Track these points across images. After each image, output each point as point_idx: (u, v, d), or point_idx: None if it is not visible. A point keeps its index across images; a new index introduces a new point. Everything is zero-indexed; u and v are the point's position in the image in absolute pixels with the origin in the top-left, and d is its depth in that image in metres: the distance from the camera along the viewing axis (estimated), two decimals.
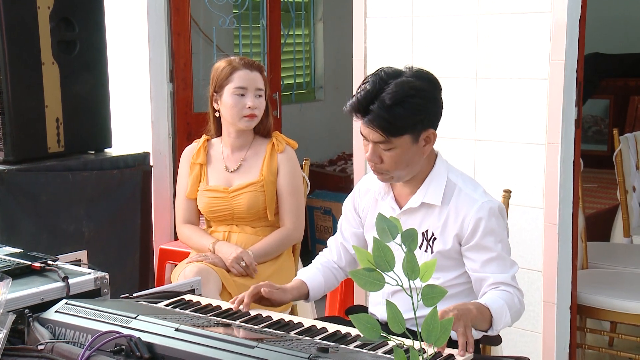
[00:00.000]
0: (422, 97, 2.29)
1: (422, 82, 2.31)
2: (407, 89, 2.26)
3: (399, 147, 2.29)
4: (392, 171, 2.34)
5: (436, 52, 3.47)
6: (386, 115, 2.24)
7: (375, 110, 2.24)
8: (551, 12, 3.13)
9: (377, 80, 2.28)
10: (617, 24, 7.35)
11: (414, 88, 2.27)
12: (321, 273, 2.60)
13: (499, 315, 2.21)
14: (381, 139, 2.28)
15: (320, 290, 2.59)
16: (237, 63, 3.28)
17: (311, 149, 5.76)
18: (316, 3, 6.68)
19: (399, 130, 2.26)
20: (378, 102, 2.24)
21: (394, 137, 2.27)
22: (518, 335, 3.21)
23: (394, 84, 2.26)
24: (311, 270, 2.63)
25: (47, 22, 3.48)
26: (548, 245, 3.23)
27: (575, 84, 3.19)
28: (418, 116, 2.28)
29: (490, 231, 2.34)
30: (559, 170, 3.18)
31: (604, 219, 4.73)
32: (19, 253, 2.47)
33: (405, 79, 2.28)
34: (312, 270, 2.63)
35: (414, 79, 2.30)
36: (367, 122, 2.27)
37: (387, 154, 2.30)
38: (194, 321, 1.99)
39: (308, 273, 2.61)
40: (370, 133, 2.29)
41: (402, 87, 2.25)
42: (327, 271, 2.62)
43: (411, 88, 2.27)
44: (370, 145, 2.31)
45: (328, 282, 2.62)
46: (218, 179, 3.35)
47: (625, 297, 3.50)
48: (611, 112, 7.06)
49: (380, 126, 2.25)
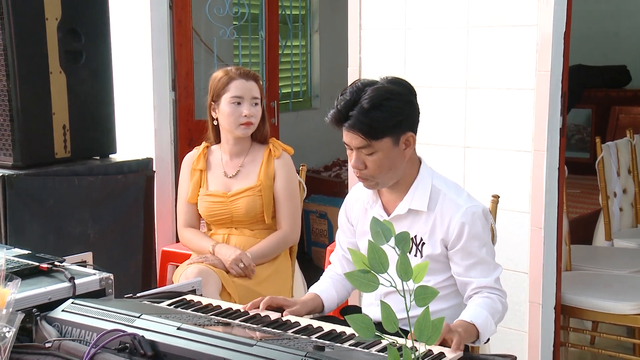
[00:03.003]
0: (398, 100, 2.30)
1: (397, 86, 2.33)
2: (383, 92, 2.27)
3: (380, 151, 2.29)
4: (376, 176, 2.34)
5: (428, 63, 3.47)
6: (365, 119, 2.25)
7: (355, 116, 2.25)
8: (538, 25, 3.14)
9: (354, 90, 2.29)
10: (599, 38, 7.37)
11: (390, 92, 2.29)
12: (333, 286, 2.59)
13: (484, 328, 2.24)
14: (363, 144, 2.28)
15: (334, 302, 2.57)
16: (234, 73, 3.28)
17: (307, 155, 5.76)
18: (312, 15, 6.69)
19: (379, 133, 2.27)
20: (357, 108, 2.25)
21: (374, 140, 2.27)
22: (505, 334, 3.21)
23: (370, 89, 2.27)
24: (324, 284, 2.61)
25: (54, 33, 3.48)
26: (534, 248, 3.23)
27: (560, 94, 3.20)
28: (396, 118, 2.28)
29: (474, 236, 2.35)
30: (545, 176, 3.18)
31: (586, 223, 4.74)
32: (27, 254, 2.47)
33: (381, 85, 2.30)
34: (325, 283, 2.61)
35: (390, 85, 2.31)
36: (348, 127, 2.28)
37: (369, 158, 2.30)
38: (195, 320, 1.99)
39: (321, 287, 2.60)
40: (352, 139, 2.29)
41: (379, 92, 2.27)
42: (337, 284, 2.61)
43: (387, 92, 2.28)
44: (354, 152, 2.32)
45: (340, 294, 2.60)
46: (217, 184, 3.35)
47: (607, 298, 3.51)
48: (593, 121, 7.08)
49: (360, 130, 2.26)
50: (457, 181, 2.64)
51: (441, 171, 2.52)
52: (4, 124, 3.42)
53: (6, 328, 1.84)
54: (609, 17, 7.47)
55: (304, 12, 6.64)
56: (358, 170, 2.34)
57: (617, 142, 4.60)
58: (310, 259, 5.70)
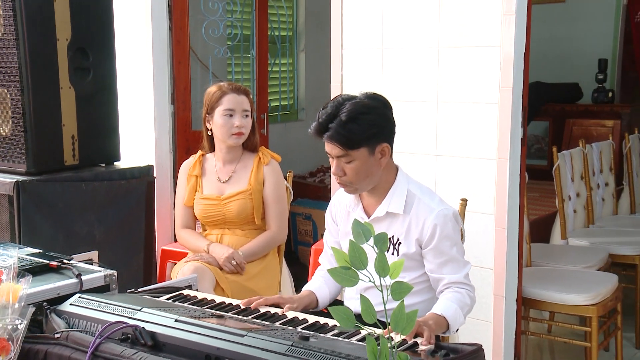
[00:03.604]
0: (373, 114, 2.29)
1: (374, 101, 2.32)
2: (359, 107, 2.27)
3: (357, 160, 2.29)
4: (354, 182, 2.33)
5: (403, 79, 3.47)
6: (343, 131, 2.24)
7: (333, 128, 2.25)
8: (500, 46, 3.15)
9: (335, 104, 2.29)
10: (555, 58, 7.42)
11: (366, 106, 2.28)
12: (325, 283, 2.57)
13: (454, 320, 2.25)
14: (341, 153, 2.28)
15: (326, 298, 2.55)
16: (226, 88, 3.27)
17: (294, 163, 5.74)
18: (299, 36, 6.69)
19: (355, 143, 2.26)
20: (336, 121, 2.25)
21: (351, 150, 2.27)
22: (472, 324, 3.21)
23: (349, 104, 2.27)
24: (317, 282, 2.59)
25: (65, 51, 3.46)
26: (498, 246, 3.23)
27: (521, 108, 3.21)
28: (371, 130, 2.28)
29: (445, 236, 2.35)
30: (508, 181, 3.19)
31: (544, 224, 4.75)
32: (38, 253, 2.46)
33: (359, 100, 2.30)
34: (318, 282, 2.59)
35: (367, 100, 2.31)
36: (328, 138, 2.27)
37: (348, 166, 2.30)
38: (191, 313, 1.98)
39: (315, 285, 2.57)
40: (332, 149, 2.29)
41: (356, 106, 2.26)
42: (329, 282, 2.57)
43: (363, 106, 2.27)
44: (334, 160, 2.32)
45: (332, 291, 2.57)
46: (212, 189, 3.33)
47: (562, 291, 3.52)
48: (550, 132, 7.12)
49: (338, 141, 2.26)
50: (430, 186, 2.63)
51: (416, 177, 2.51)
52: (18, 135, 3.41)
53: (18, 320, 1.83)
54: (563, 41, 7.53)
55: (291, 33, 6.64)
56: (338, 177, 2.34)
57: (571, 151, 4.63)
58: (296, 257, 5.69)
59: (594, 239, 4.40)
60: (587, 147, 4.77)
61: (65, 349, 1.86)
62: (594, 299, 3.47)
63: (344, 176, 2.32)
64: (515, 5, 3.08)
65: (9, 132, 3.44)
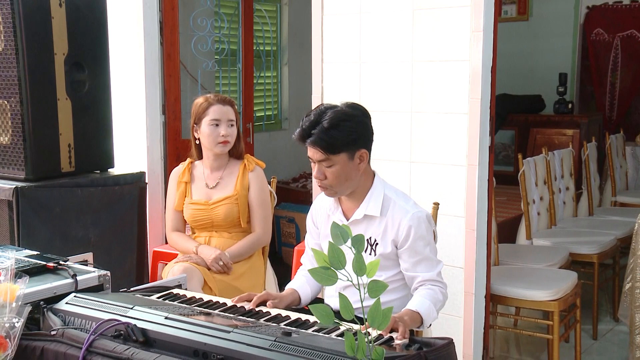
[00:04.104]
0: (353, 122, 2.29)
1: (353, 110, 2.33)
2: (340, 115, 2.27)
3: (337, 164, 2.28)
4: (334, 186, 2.33)
5: (379, 91, 3.47)
6: (324, 136, 2.24)
7: (316, 134, 2.25)
8: (469, 61, 3.16)
9: (317, 112, 2.29)
10: (520, 72, 7.48)
11: (346, 114, 2.28)
12: (307, 282, 2.56)
13: (427, 315, 2.25)
14: (323, 157, 2.27)
15: (308, 296, 2.53)
16: (212, 99, 3.26)
17: (278, 169, 5.75)
18: (282, 51, 6.69)
19: (336, 148, 2.26)
20: (318, 127, 2.25)
21: (332, 154, 2.27)
22: (444, 320, 3.21)
23: (330, 112, 2.27)
24: (299, 281, 2.57)
25: (62, 65, 3.44)
26: (468, 247, 3.24)
27: (489, 118, 3.22)
28: (351, 137, 2.28)
29: (419, 237, 2.34)
30: (477, 186, 3.20)
31: (511, 225, 4.78)
32: (36, 255, 2.44)
33: (340, 109, 2.30)
34: (300, 281, 2.57)
35: (347, 108, 2.31)
36: (310, 143, 2.27)
37: (329, 170, 2.29)
38: (180, 311, 1.96)
39: (297, 283, 2.56)
40: (314, 153, 2.29)
41: (337, 114, 2.27)
42: (310, 281, 2.56)
43: (344, 114, 2.28)
44: (316, 165, 2.31)
45: (313, 289, 2.55)
46: (200, 194, 3.31)
47: (527, 287, 3.54)
48: (516, 141, 7.15)
49: (320, 146, 2.25)
50: (404, 191, 2.64)
51: (391, 182, 2.51)
52: (18, 143, 3.38)
53: (16, 319, 1.82)
54: (527, 56, 7.60)
55: (275, 48, 6.64)
56: (319, 180, 2.33)
57: (535, 158, 4.65)
58: (280, 257, 5.67)
59: (555, 239, 4.42)
60: (550, 154, 4.80)
61: (61, 345, 1.84)
62: (556, 294, 3.49)
63: (324, 180, 2.32)
64: (482, 23, 3.10)
65: (8, 141, 3.41)
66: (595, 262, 4.28)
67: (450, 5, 3.19)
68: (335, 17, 3.56)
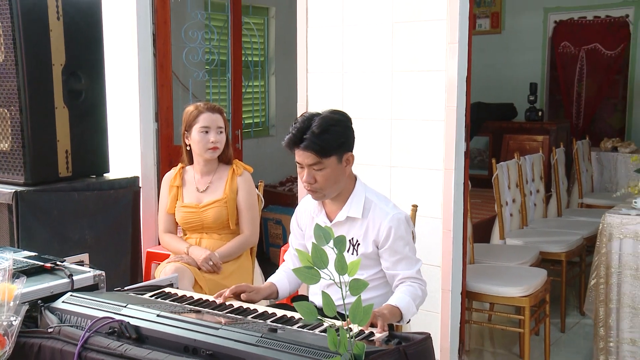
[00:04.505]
0: (341, 126, 2.30)
1: (339, 116, 2.33)
2: (329, 120, 2.27)
3: (328, 167, 2.28)
4: (324, 189, 2.32)
5: (361, 99, 3.48)
6: (317, 140, 2.24)
7: (308, 138, 2.24)
8: (446, 71, 3.17)
9: (304, 119, 2.29)
10: (494, 82, 7.53)
11: (334, 120, 2.29)
12: (286, 278, 2.55)
13: (407, 310, 2.24)
14: (315, 161, 2.26)
15: (286, 290, 2.53)
16: (202, 107, 3.25)
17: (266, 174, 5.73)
18: (269, 61, 6.68)
19: (328, 152, 2.26)
20: (309, 132, 2.24)
21: (324, 158, 2.26)
22: (422, 315, 3.20)
23: (318, 118, 2.27)
24: (279, 275, 2.58)
25: (59, 75, 3.41)
26: (445, 246, 3.24)
27: (464, 125, 3.23)
28: (340, 140, 2.28)
29: (399, 237, 2.34)
30: (453, 189, 3.20)
31: (485, 226, 4.79)
32: (34, 256, 2.42)
33: (326, 115, 2.30)
34: (280, 275, 2.57)
35: (333, 114, 2.31)
36: (303, 147, 2.26)
37: (319, 173, 2.28)
38: (172, 309, 1.94)
39: (277, 277, 2.56)
40: (305, 158, 2.27)
41: (326, 119, 2.27)
42: (290, 276, 2.56)
43: (332, 120, 2.28)
44: (305, 169, 2.30)
45: (292, 285, 2.56)
46: (191, 198, 3.30)
47: (500, 285, 3.55)
48: (490, 146, 7.19)
49: (313, 149, 2.24)
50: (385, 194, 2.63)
51: (372, 186, 2.51)
52: (17, 150, 3.34)
53: (13, 317, 1.80)
54: (500, 67, 7.66)
55: (263, 58, 6.63)
56: (309, 184, 2.31)
57: (508, 162, 4.67)
58: (268, 258, 5.65)
59: (527, 239, 4.44)
60: (521, 159, 4.82)
61: (58, 342, 1.83)
62: (527, 291, 3.50)
63: (314, 183, 2.30)
64: (458, 36, 3.11)
65: (8, 147, 3.38)
66: (563, 260, 4.30)
67: (427, 18, 3.20)
68: (319, 29, 3.56)
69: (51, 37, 3.36)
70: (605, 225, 3.48)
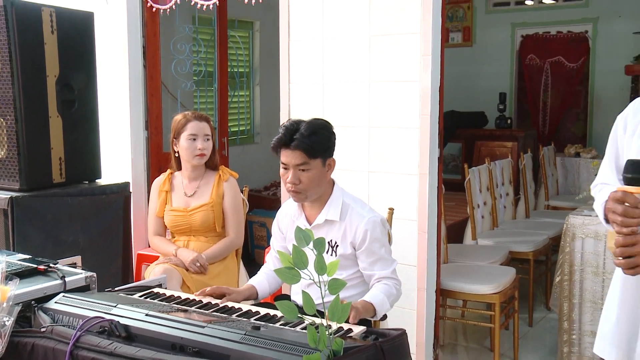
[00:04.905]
0: (327, 131, 2.32)
1: (323, 122, 2.35)
2: (317, 124, 2.29)
3: (314, 169, 2.28)
4: (307, 190, 2.31)
5: (340, 108, 3.48)
6: (307, 140, 2.24)
7: (298, 138, 2.24)
8: (420, 81, 3.18)
9: (291, 123, 2.30)
10: (466, 91, 7.58)
11: (320, 125, 2.31)
12: (266, 279, 2.54)
13: (380, 306, 2.24)
14: (302, 161, 2.25)
15: (266, 291, 2.52)
16: (190, 116, 3.23)
17: (251, 179, 5.71)
18: (254, 72, 6.67)
19: (315, 152, 2.26)
20: (299, 134, 2.24)
21: (312, 158, 2.26)
22: (399, 312, 3.22)
23: (305, 123, 2.29)
24: (259, 277, 2.57)
25: (53, 86, 3.39)
26: (420, 247, 3.25)
27: (438, 132, 3.24)
28: (327, 144, 2.30)
29: (375, 239, 2.34)
30: (428, 193, 3.21)
31: (458, 227, 4.81)
32: (28, 258, 2.38)
33: (311, 120, 2.32)
34: (260, 277, 2.56)
35: (317, 120, 2.33)
36: (293, 147, 2.25)
37: (304, 174, 2.27)
38: (160, 308, 1.92)
39: (257, 279, 2.55)
40: (293, 158, 2.26)
41: (313, 123, 2.28)
42: (270, 277, 2.55)
43: (319, 124, 2.30)
44: (291, 170, 2.28)
45: (272, 285, 2.55)
46: (179, 202, 3.28)
47: (472, 283, 3.56)
48: (463, 152, 7.23)
49: (303, 149, 2.24)
50: (363, 198, 2.64)
51: (350, 190, 2.51)
52: (13, 157, 3.31)
53: (6, 317, 1.77)
54: (471, 77, 7.71)
55: (248, 70, 6.62)
56: (293, 185, 2.30)
57: (479, 167, 4.70)
58: (253, 259, 5.63)
59: (497, 239, 4.47)
60: (492, 164, 4.85)
61: (50, 341, 1.80)
62: (497, 288, 3.51)
63: (299, 184, 2.29)
64: (431, 48, 3.12)
65: (4, 154, 3.34)
66: (531, 259, 4.33)
67: (402, 32, 3.21)
68: (301, 42, 3.56)
69: (46, 50, 3.34)
70: (569, 225, 3.50)
